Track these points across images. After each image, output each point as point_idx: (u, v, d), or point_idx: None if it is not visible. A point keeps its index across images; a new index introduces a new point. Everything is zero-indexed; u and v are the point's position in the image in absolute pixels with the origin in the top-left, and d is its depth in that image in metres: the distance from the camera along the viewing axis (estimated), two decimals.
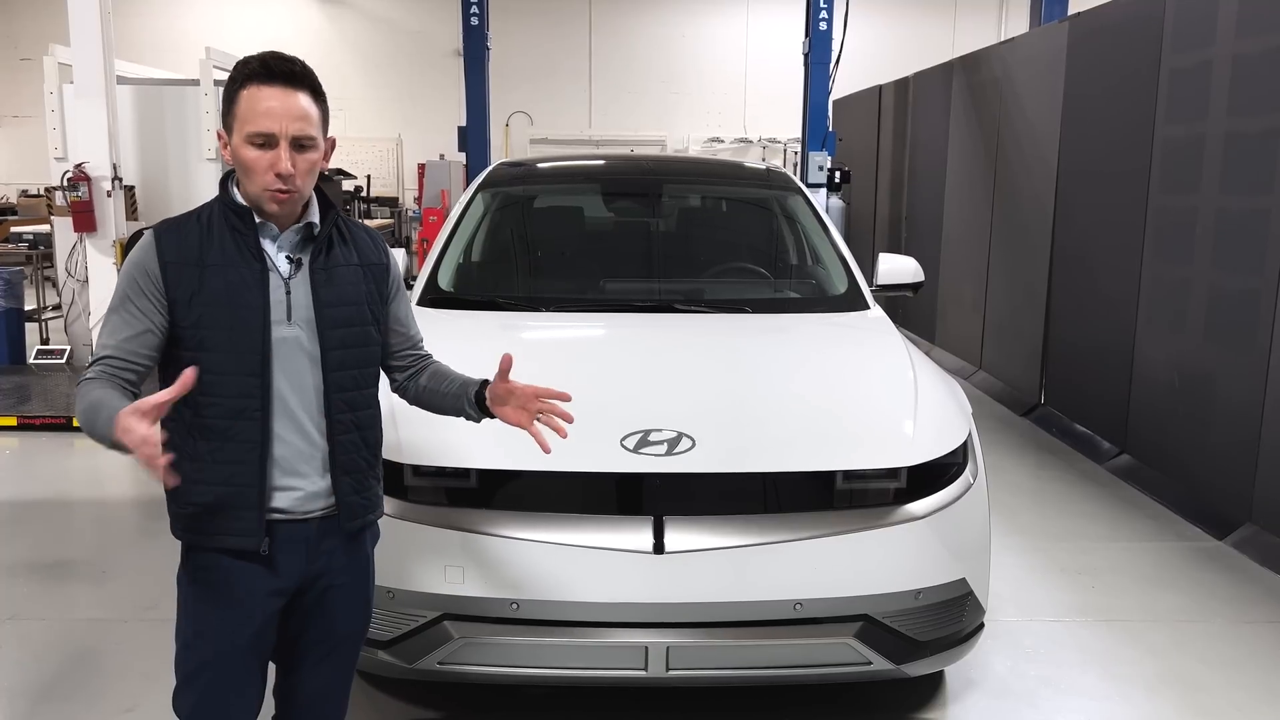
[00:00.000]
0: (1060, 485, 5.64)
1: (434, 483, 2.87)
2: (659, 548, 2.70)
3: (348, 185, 14.39)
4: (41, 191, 12.81)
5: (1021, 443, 6.49)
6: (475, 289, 4.33)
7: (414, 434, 2.90)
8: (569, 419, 2.25)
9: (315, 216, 2.11)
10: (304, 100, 2.01)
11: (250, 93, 1.97)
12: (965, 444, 3.07)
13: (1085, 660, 3.62)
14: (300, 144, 2.00)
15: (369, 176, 14.69)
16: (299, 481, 2.07)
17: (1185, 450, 5.26)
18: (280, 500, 2.05)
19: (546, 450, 2.23)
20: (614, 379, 3.29)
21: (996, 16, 18.27)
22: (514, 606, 2.74)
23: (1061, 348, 6.79)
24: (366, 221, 10.90)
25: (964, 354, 8.58)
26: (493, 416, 2.29)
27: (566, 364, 3.53)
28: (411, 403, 2.40)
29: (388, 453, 2.82)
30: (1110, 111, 6.13)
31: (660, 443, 2.82)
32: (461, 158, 11.00)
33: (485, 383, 2.29)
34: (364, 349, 2.16)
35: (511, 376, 2.26)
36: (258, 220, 2.04)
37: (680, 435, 2.84)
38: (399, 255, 4.29)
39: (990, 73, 8.06)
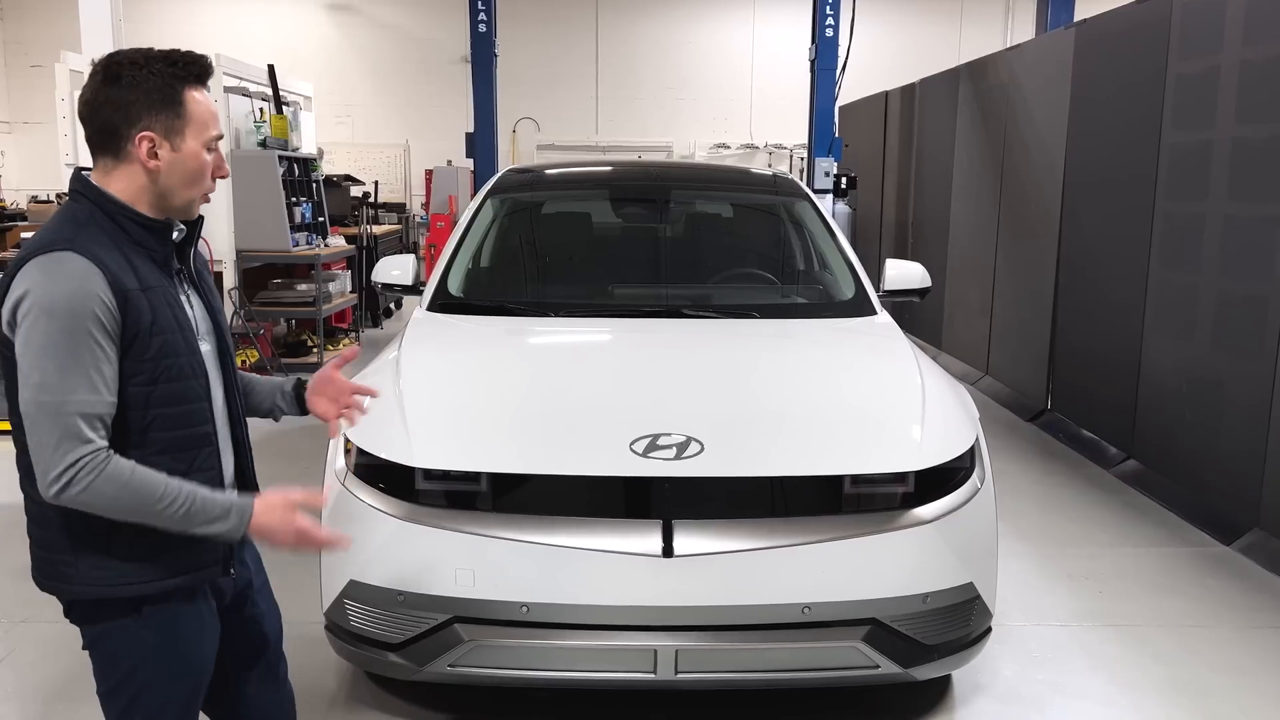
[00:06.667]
0: (1067, 491, 5.64)
1: (444, 486, 2.88)
2: (668, 551, 2.71)
3: (356, 191, 14.47)
4: (52, 198, 12.87)
5: (1028, 448, 6.49)
6: (484, 294, 4.35)
7: (425, 438, 2.92)
8: (361, 411, 2.23)
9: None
10: None
11: (196, 95, 1.87)
12: (973, 449, 3.08)
13: (1093, 665, 3.63)
14: None
15: (376, 182, 14.73)
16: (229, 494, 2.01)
17: (1192, 456, 5.26)
18: None
19: (333, 435, 2.25)
20: (622, 384, 3.31)
21: (1002, 23, 18.27)
22: (524, 609, 2.75)
23: (1068, 353, 6.79)
24: (374, 228, 10.92)
25: (970, 359, 8.58)
26: (305, 412, 2.23)
27: (575, 369, 3.56)
28: None
29: (398, 457, 2.86)
30: (1117, 117, 6.14)
31: (669, 447, 2.83)
32: (469, 164, 11.05)
33: (300, 380, 2.24)
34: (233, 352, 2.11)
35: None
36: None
37: (689, 439, 2.86)
38: (409, 261, 4.36)
39: (997, 79, 8.07)
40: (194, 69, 1.87)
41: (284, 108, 8.97)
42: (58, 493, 1.73)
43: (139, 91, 1.82)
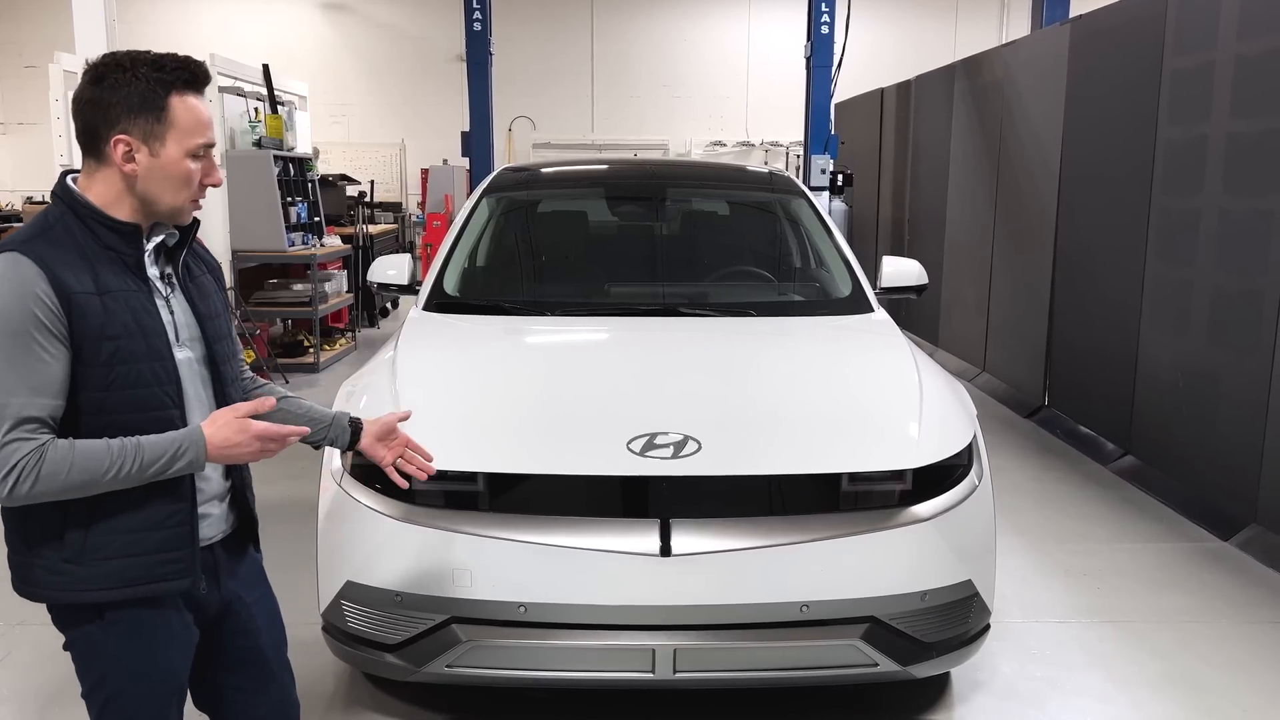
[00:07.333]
0: (1064, 487, 5.64)
1: (441, 486, 2.88)
2: (666, 550, 2.71)
3: (351, 190, 14.48)
4: (47, 199, 12.86)
5: (1025, 445, 6.49)
6: (481, 293, 4.35)
7: (421, 438, 2.91)
8: (429, 472, 2.31)
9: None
10: None
11: (185, 100, 1.83)
12: (970, 446, 3.08)
13: (1091, 662, 3.63)
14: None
15: (372, 182, 14.73)
16: (212, 507, 2.00)
17: (1190, 451, 5.26)
18: (201, 530, 1.96)
19: (403, 486, 2.29)
20: (619, 382, 3.30)
21: (997, 19, 18.26)
22: (522, 610, 2.75)
23: (1065, 349, 6.79)
24: (370, 227, 10.91)
25: (967, 356, 8.58)
26: (353, 449, 2.25)
27: (572, 368, 3.55)
28: None
29: None
30: (1112, 113, 6.14)
31: (666, 446, 2.83)
32: (465, 163, 11.02)
33: (355, 418, 2.25)
34: (235, 360, 2.08)
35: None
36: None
37: (686, 438, 2.85)
38: (405, 260, 4.35)
39: (992, 75, 8.07)
40: (183, 74, 1.84)
41: (279, 107, 8.96)
42: (8, 494, 1.71)
43: (120, 94, 1.80)
